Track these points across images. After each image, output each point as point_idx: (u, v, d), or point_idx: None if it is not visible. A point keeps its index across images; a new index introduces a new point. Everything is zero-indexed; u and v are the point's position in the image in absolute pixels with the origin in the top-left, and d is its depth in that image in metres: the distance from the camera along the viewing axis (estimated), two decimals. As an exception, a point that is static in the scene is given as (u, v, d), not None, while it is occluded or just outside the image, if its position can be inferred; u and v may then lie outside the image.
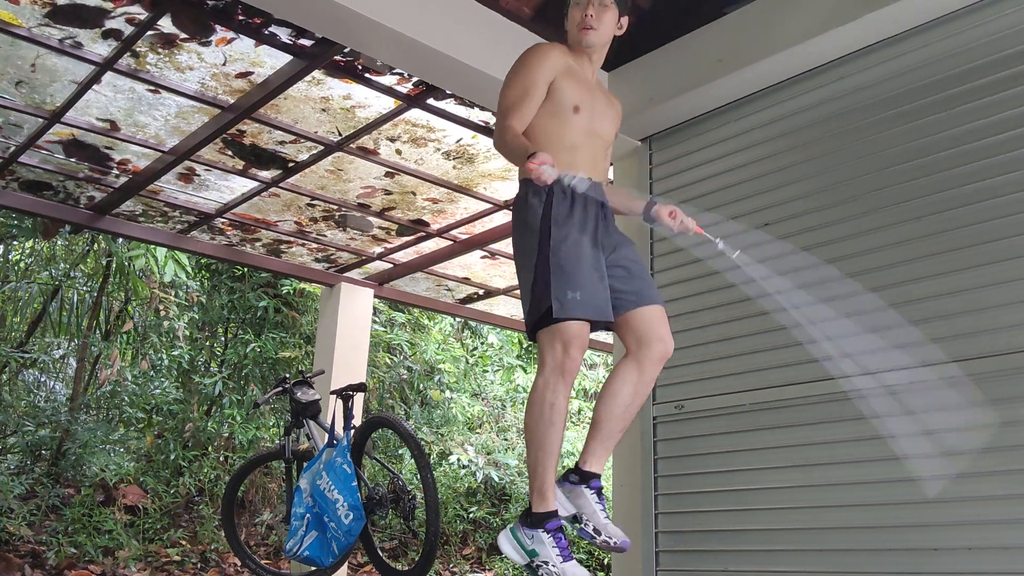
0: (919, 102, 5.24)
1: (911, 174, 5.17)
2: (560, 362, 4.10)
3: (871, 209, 5.30)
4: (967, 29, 5.13)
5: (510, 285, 11.18)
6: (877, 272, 5.16)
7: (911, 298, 5.01)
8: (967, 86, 5.06)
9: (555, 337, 4.11)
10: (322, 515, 6.41)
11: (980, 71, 5.02)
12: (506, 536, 4.21)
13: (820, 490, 5.23)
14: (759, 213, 5.89)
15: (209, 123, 7.24)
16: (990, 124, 4.91)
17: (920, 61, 5.31)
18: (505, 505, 13.48)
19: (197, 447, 11.97)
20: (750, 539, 5.52)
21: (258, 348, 12.48)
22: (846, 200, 5.45)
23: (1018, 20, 4.92)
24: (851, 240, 5.35)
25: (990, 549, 4.50)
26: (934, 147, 5.10)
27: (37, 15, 5.96)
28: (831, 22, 5.45)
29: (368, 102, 6.97)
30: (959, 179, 4.94)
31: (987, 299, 4.73)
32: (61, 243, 12.91)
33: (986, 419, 4.60)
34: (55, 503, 10.47)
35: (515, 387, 15.67)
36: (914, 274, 5.02)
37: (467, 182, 8.32)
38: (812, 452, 5.29)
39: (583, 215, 4.30)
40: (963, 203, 4.90)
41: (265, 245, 9.96)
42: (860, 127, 5.51)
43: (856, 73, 5.62)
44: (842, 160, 5.54)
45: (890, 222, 5.19)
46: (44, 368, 12.90)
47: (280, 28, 6.05)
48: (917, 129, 5.21)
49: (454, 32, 5.89)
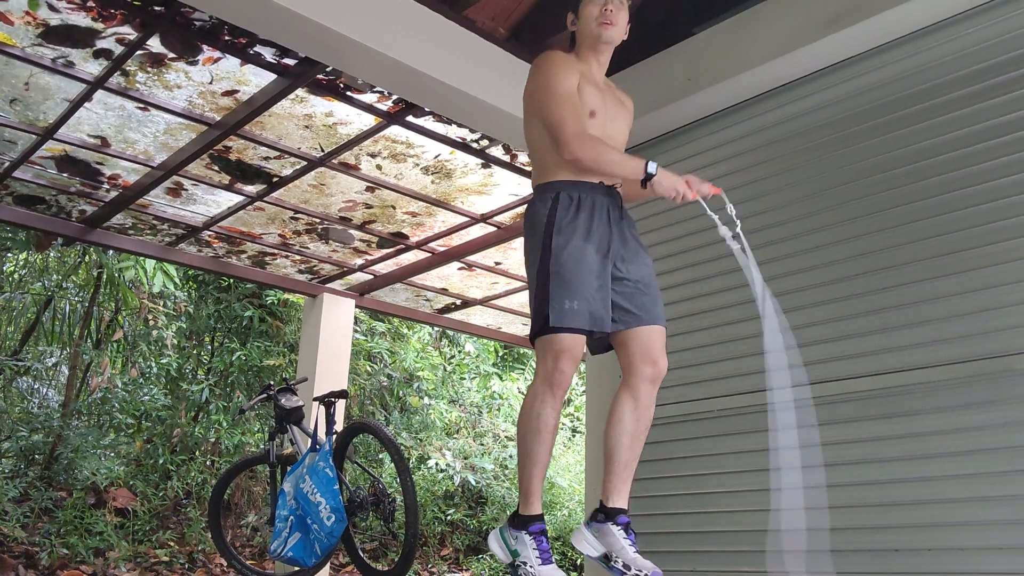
0: (883, 118, 5.26)
1: (876, 187, 5.18)
2: (549, 373, 3.96)
3: (839, 221, 5.31)
4: (928, 48, 5.15)
5: (487, 295, 11.21)
6: (842, 282, 5.18)
7: (871, 308, 5.02)
8: (929, 103, 5.08)
9: (547, 348, 3.97)
10: (305, 517, 6.38)
11: (941, 89, 5.05)
12: (495, 534, 4.17)
13: (784, 493, 5.22)
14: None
15: (196, 139, 7.22)
16: (952, 139, 4.93)
17: (883, 79, 5.33)
18: (481, 508, 13.47)
19: (185, 452, 11.92)
20: (717, 540, 5.50)
21: (243, 356, 12.43)
22: (813, 212, 5.46)
23: (977, 40, 4.94)
24: (818, 251, 5.36)
25: (949, 550, 4.50)
26: (898, 161, 5.12)
27: (31, 35, 5.95)
28: (797, 42, 5.48)
29: (349, 119, 6.95)
30: (924, 191, 4.96)
31: (947, 310, 4.74)
32: (54, 255, 12.85)
33: (944, 425, 4.61)
34: (48, 506, 10.40)
35: (491, 394, 15.64)
36: (878, 284, 5.03)
37: (445, 196, 8.31)
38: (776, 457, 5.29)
39: (589, 221, 4.06)
40: (926, 215, 4.91)
41: (250, 257, 9.93)
42: (826, 142, 5.52)
43: (821, 90, 5.64)
44: (809, 174, 5.55)
45: (857, 233, 5.20)
46: (37, 375, 12.83)
47: (265, 48, 6.05)
48: (881, 144, 5.23)
49: (433, 52, 5.88)
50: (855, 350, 5.05)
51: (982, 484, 4.47)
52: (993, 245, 4.65)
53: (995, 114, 4.79)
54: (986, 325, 4.59)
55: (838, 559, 4.88)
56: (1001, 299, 4.57)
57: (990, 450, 4.47)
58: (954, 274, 4.75)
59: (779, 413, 4.21)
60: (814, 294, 5.29)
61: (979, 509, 4.44)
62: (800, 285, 5.35)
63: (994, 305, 4.58)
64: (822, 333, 5.18)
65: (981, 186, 4.76)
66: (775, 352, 4.15)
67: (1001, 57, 4.84)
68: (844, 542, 4.86)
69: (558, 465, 14.36)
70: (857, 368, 5.01)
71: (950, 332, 4.70)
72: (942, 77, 5.05)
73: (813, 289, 5.30)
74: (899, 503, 4.70)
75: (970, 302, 4.67)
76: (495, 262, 10.06)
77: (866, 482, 4.83)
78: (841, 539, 4.87)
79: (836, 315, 5.15)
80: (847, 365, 5.06)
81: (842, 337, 5.13)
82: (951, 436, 4.59)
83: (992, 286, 4.61)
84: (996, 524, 4.40)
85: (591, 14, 4.30)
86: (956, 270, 4.75)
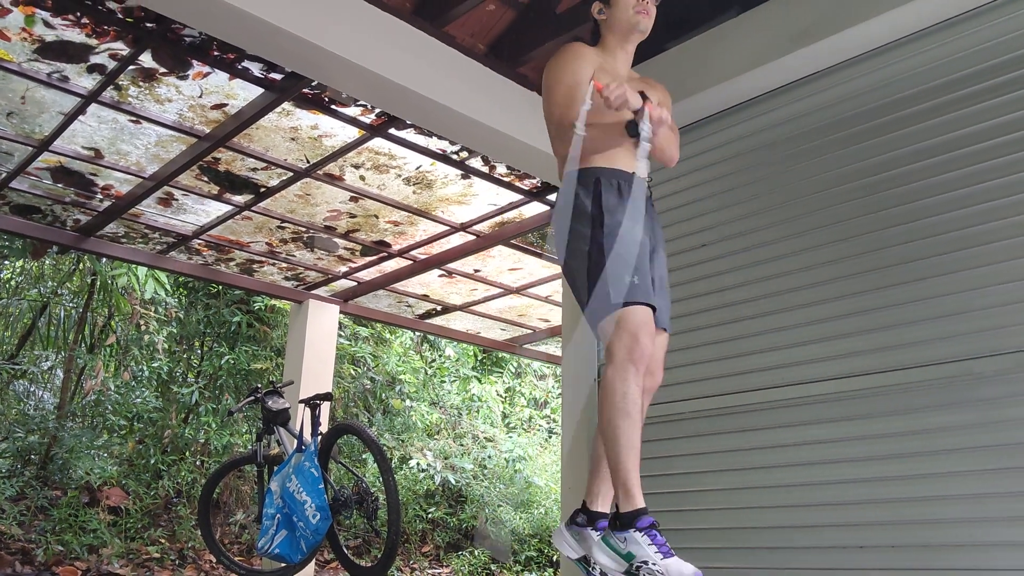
0: (849, 130, 5.28)
1: (843, 197, 5.19)
2: (630, 349, 3.62)
3: (807, 229, 5.32)
4: (891, 63, 5.17)
5: (466, 301, 11.20)
6: (811, 288, 5.19)
7: (837, 314, 5.03)
8: (894, 115, 5.10)
9: (623, 326, 3.65)
10: (291, 515, 6.35)
11: (904, 102, 5.07)
12: (599, 548, 3.67)
13: (756, 492, 5.22)
14: (699, 234, 5.90)
15: (186, 151, 7.19)
16: (915, 151, 4.96)
17: (848, 93, 5.35)
18: (461, 506, 13.46)
19: (175, 452, 11.86)
20: (690, 538, 5.48)
21: (232, 360, 12.40)
22: (782, 221, 5.46)
23: (937, 56, 4.97)
24: (788, 258, 5.37)
25: (912, 547, 4.50)
26: (866, 171, 5.13)
27: (27, 51, 5.92)
28: (764, 57, 5.50)
29: (334, 132, 6.93)
30: (890, 200, 4.97)
31: (911, 314, 4.75)
32: (49, 263, 12.76)
33: (905, 427, 4.62)
34: (43, 504, 10.34)
35: (470, 396, 15.63)
36: (845, 291, 5.04)
37: (426, 206, 8.29)
38: (749, 456, 5.29)
39: (634, 206, 3.86)
40: (891, 223, 4.92)
41: (238, 264, 9.89)
42: (794, 153, 5.54)
43: (788, 104, 5.66)
44: (777, 184, 5.57)
45: (824, 241, 5.22)
46: (33, 379, 12.75)
47: (252, 63, 6.04)
48: (848, 155, 5.24)
49: (414, 67, 5.87)
50: (822, 353, 5.07)
51: (945, 484, 4.48)
52: (958, 252, 4.66)
53: (959, 125, 4.82)
54: (947, 329, 4.60)
55: (805, 555, 4.89)
56: (964, 304, 4.59)
57: (950, 451, 4.48)
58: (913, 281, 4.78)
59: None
60: (786, 298, 5.30)
61: (939, 507, 4.45)
62: (767, 291, 5.37)
63: (959, 310, 4.60)
64: (793, 337, 5.20)
65: (944, 195, 4.78)
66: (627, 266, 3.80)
67: (959, 73, 4.87)
68: (811, 539, 4.88)
69: (535, 465, 14.37)
70: (823, 371, 5.02)
71: (910, 338, 4.71)
72: (906, 91, 5.07)
73: (785, 294, 5.31)
74: (862, 502, 4.71)
75: (934, 307, 4.69)
76: (474, 269, 10.05)
77: (831, 481, 4.84)
78: (808, 536, 4.88)
79: (818, 318, 5.15)
80: (815, 369, 5.07)
81: (807, 342, 5.15)
82: (910, 438, 4.60)
83: (955, 292, 4.63)
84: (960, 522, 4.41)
85: (627, 4, 4.12)
86: (916, 276, 4.77)
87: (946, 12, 4.94)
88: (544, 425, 16.76)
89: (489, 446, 14.60)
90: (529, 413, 16.78)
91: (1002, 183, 4.58)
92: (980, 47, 4.82)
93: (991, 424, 4.37)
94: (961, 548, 4.35)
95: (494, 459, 14.21)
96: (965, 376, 4.48)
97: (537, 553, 12.81)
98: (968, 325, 4.54)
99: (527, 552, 12.89)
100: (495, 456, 14.28)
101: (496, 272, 10.14)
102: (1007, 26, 4.73)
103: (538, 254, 9.46)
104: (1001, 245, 4.52)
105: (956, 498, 4.41)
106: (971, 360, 4.47)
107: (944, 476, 4.46)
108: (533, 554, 12.84)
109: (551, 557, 12.53)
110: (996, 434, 4.35)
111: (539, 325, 12.31)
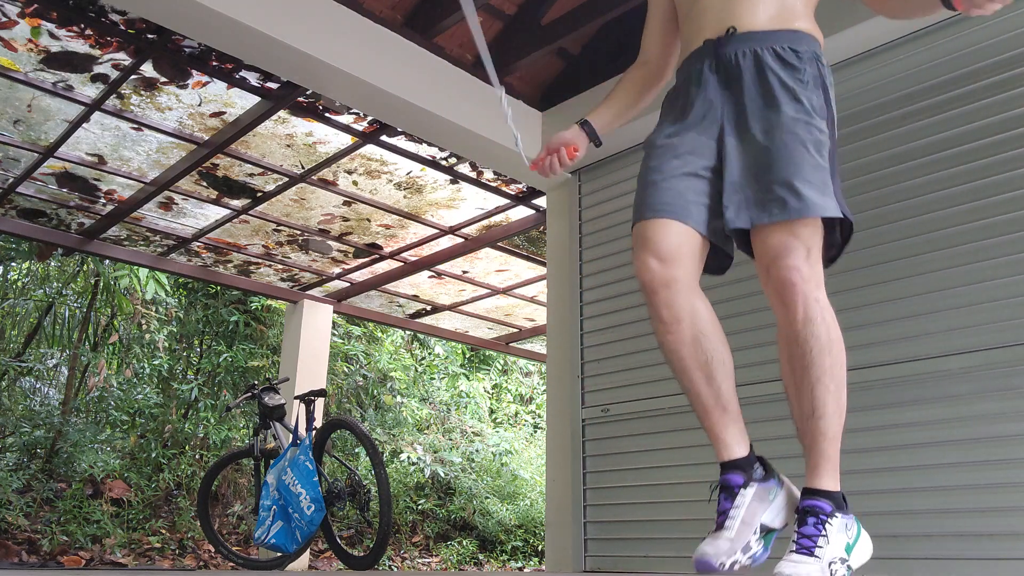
0: (845, 130, 5.25)
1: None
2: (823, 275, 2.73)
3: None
4: (882, 65, 5.15)
5: (454, 301, 11.20)
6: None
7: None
8: (869, 121, 5.08)
9: (824, 237, 2.71)
10: (287, 507, 6.33)
11: (882, 108, 5.05)
12: (837, 540, 2.57)
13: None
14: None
15: (186, 157, 7.17)
16: (888, 156, 4.96)
17: (842, 94, 5.30)
18: (450, 498, 13.43)
19: (175, 446, 11.83)
20: (666, 528, 5.48)
21: (230, 358, 12.38)
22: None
23: (923, 59, 4.97)
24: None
25: (881, 537, 4.49)
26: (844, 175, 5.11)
27: (33, 61, 5.91)
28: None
29: (328, 138, 6.91)
30: (866, 204, 4.94)
31: (881, 314, 4.74)
32: (54, 264, 12.73)
33: (875, 422, 4.61)
34: (49, 496, 10.31)
35: (459, 393, 15.65)
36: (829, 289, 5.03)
37: (416, 210, 8.27)
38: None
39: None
40: (869, 225, 4.90)
41: (236, 266, 9.87)
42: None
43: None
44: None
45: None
46: (39, 376, 12.70)
47: (249, 72, 6.02)
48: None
49: (405, 77, 5.86)
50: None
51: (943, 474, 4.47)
52: (952, 249, 4.66)
53: (935, 130, 4.81)
54: (922, 328, 4.60)
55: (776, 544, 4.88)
56: (937, 304, 4.59)
57: (920, 445, 4.48)
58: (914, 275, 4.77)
59: None
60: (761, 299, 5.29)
61: (906, 499, 4.44)
62: (746, 291, 5.36)
63: (934, 310, 4.59)
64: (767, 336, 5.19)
65: (919, 198, 4.77)
66: None
67: (946, 76, 4.86)
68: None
69: (521, 458, 14.38)
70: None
71: (892, 334, 4.70)
72: (883, 97, 5.06)
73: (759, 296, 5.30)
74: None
75: (909, 306, 4.68)
76: (463, 271, 10.03)
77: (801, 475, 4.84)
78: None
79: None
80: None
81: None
82: (878, 433, 4.60)
83: (944, 289, 4.63)
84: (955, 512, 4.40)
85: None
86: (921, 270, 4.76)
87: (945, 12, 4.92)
88: (529, 420, 16.79)
89: (477, 440, 14.61)
90: (515, 409, 16.81)
91: (973, 187, 4.57)
92: (970, 49, 4.79)
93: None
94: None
95: (481, 453, 14.21)
96: (938, 372, 4.48)
97: (522, 543, 12.80)
98: (941, 324, 4.54)
99: (513, 542, 12.88)
100: (482, 450, 14.28)
101: (483, 273, 10.13)
102: (1000, 28, 4.70)
103: (524, 256, 9.44)
104: (968, 248, 4.52)
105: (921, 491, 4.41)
106: (947, 357, 4.48)
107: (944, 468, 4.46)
108: (518, 544, 12.83)
109: (536, 546, 12.52)
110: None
111: (525, 324, 12.31)
